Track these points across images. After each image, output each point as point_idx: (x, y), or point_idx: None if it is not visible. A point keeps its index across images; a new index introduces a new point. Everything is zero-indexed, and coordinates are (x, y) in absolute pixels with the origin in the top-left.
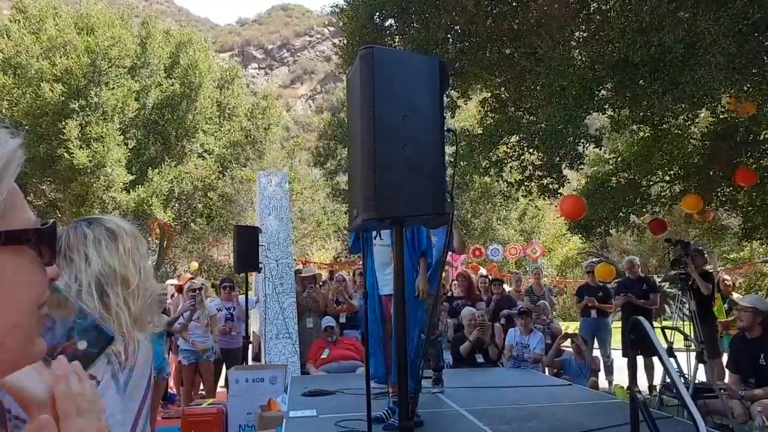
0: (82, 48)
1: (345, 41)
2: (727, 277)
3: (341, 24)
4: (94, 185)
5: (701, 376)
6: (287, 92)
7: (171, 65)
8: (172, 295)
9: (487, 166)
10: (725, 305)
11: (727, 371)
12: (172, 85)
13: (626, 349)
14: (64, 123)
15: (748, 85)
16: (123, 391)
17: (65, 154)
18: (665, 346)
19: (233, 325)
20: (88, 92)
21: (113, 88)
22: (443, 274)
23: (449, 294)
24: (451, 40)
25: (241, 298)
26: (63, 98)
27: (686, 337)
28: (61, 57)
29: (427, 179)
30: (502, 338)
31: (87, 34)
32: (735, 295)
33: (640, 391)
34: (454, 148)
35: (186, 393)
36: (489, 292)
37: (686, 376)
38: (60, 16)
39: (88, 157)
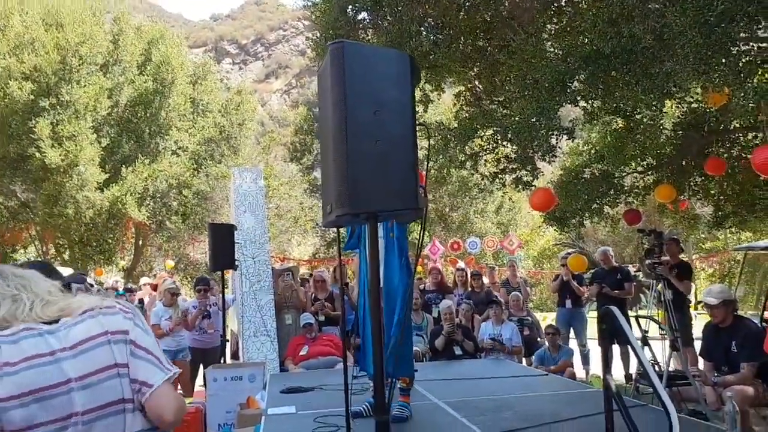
0: (51, 45)
1: (318, 35)
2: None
3: (314, 18)
4: (67, 185)
5: (676, 365)
6: (262, 87)
7: (143, 62)
8: (147, 296)
9: (463, 159)
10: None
11: (700, 359)
12: (144, 82)
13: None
14: (34, 122)
15: (716, 76)
16: (148, 333)
17: (36, 153)
18: (639, 334)
19: (210, 323)
20: (58, 90)
21: (85, 86)
22: (420, 268)
23: (422, 287)
24: (424, 32)
25: (219, 296)
26: (32, 96)
27: (660, 326)
28: (29, 54)
29: (400, 174)
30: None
31: (56, 30)
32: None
33: (614, 380)
34: (428, 142)
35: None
36: (467, 285)
37: (660, 364)
38: (27, 12)
39: (60, 156)
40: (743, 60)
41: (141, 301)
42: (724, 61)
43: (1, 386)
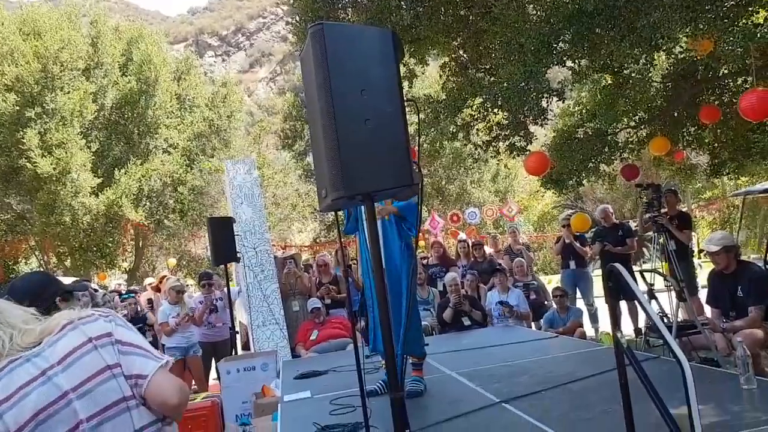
0: (30, 54)
1: (298, 18)
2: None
3: (292, 1)
4: (62, 192)
5: (684, 315)
6: (247, 77)
7: (125, 62)
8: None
9: (454, 130)
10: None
11: (707, 306)
12: (128, 83)
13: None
14: (22, 132)
15: (703, 23)
16: (131, 330)
17: (27, 164)
18: (645, 288)
19: (217, 317)
20: (43, 99)
21: (69, 92)
22: (422, 243)
23: (425, 262)
24: (404, 6)
25: (225, 290)
26: (17, 107)
27: (665, 278)
28: (9, 65)
29: (392, 152)
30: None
31: (34, 38)
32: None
33: (623, 336)
34: (417, 117)
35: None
36: (469, 256)
37: (669, 315)
38: (2, 23)
39: (51, 164)
40: (728, 4)
41: (150, 301)
42: (709, 7)
43: (2, 424)
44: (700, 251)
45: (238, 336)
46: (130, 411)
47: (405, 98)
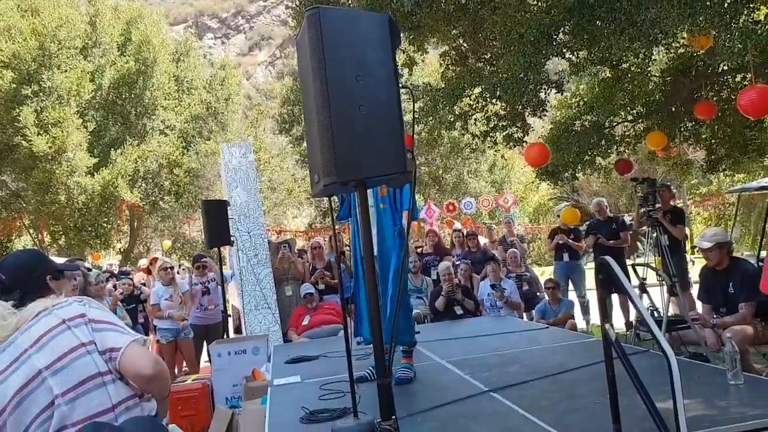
0: (28, 31)
1: (298, 2)
2: None
3: None
4: (57, 171)
5: (675, 310)
6: (246, 60)
7: (123, 43)
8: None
9: (452, 120)
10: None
11: (698, 302)
12: (126, 63)
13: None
14: (18, 110)
15: (702, 18)
16: (104, 311)
17: (23, 141)
18: (637, 282)
19: (210, 299)
20: (39, 77)
21: (66, 71)
22: (415, 231)
23: (420, 251)
24: None
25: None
26: (14, 85)
27: (657, 273)
28: (6, 42)
29: (386, 138)
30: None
31: (32, 16)
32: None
33: (613, 329)
34: (416, 104)
35: (168, 371)
36: (464, 245)
37: (659, 310)
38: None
39: (47, 143)
40: (728, 1)
41: (143, 285)
42: (709, 3)
43: None
44: (693, 247)
45: (230, 319)
46: (107, 386)
47: (401, 85)
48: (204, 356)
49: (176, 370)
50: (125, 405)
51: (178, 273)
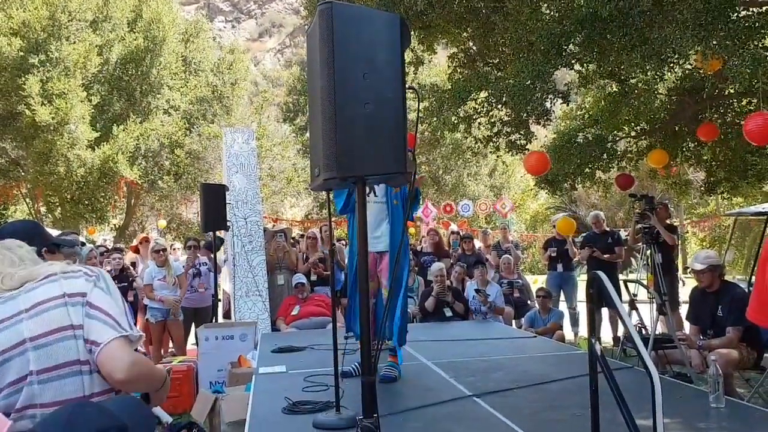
0: (39, 0)
1: None
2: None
3: None
4: (58, 143)
5: (663, 328)
6: (255, 46)
7: (134, 19)
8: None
9: (456, 122)
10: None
11: (686, 322)
12: (135, 40)
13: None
14: (24, 79)
15: (715, 42)
16: (109, 293)
17: (26, 110)
18: (628, 298)
19: (200, 282)
20: (47, 47)
21: (74, 43)
22: (413, 230)
23: (419, 249)
24: None
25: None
26: (21, 53)
27: (648, 290)
28: (17, 9)
29: (388, 137)
30: None
31: None
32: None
33: (600, 343)
34: (421, 105)
35: (155, 351)
36: (460, 248)
37: (647, 327)
38: None
39: (50, 113)
40: (741, 26)
41: (134, 264)
42: (722, 27)
43: None
44: (686, 268)
45: (220, 304)
46: (83, 375)
47: (407, 85)
48: (191, 339)
49: (162, 351)
50: (99, 398)
51: (170, 254)
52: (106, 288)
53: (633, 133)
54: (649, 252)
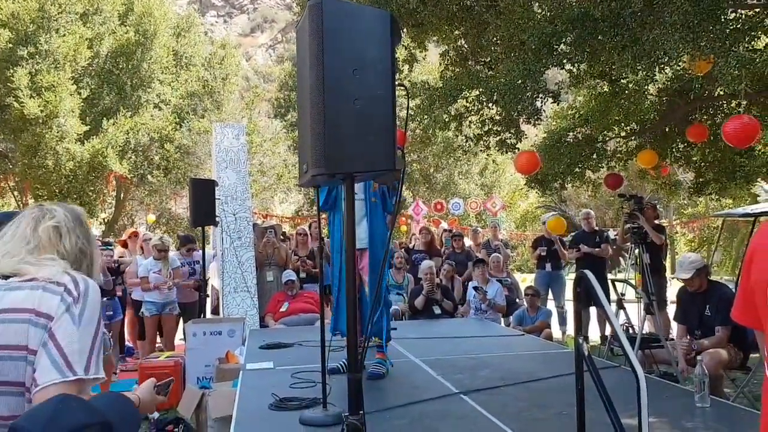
0: None
1: None
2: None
3: None
4: (47, 136)
5: (650, 328)
6: (247, 41)
7: (125, 12)
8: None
9: (447, 120)
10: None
11: (673, 322)
12: (126, 33)
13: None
14: (12, 71)
15: (704, 43)
16: (78, 323)
17: (15, 103)
18: (616, 297)
19: (196, 279)
20: (37, 39)
21: (64, 35)
22: (404, 228)
23: (411, 246)
24: None
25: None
26: (10, 45)
27: (636, 290)
28: (6, 1)
29: (378, 135)
30: (461, 291)
31: None
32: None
33: (587, 342)
34: (412, 102)
35: (148, 345)
36: (451, 246)
37: (634, 327)
38: None
39: (39, 106)
40: (730, 28)
41: (121, 257)
42: (711, 28)
43: None
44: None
45: (208, 300)
46: (26, 401)
47: (397, 83)
48: (179, 334)
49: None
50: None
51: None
52: (79, 314)
53: (623, 134)
54: (637, 252)
